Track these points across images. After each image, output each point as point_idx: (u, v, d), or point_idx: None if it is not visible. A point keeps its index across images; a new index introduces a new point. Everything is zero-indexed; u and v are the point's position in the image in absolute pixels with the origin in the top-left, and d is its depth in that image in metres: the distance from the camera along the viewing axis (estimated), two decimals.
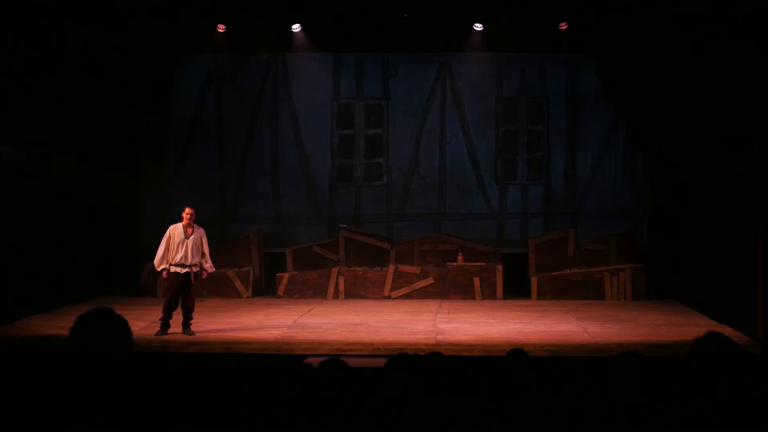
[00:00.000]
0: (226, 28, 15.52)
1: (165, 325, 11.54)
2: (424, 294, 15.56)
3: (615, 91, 16.10)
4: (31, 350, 10.31)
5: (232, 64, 17.08)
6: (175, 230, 11.65)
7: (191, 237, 11.59)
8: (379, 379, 4.59)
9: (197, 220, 11.85)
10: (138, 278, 15.56)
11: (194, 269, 11.61)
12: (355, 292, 15.63)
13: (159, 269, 11.69)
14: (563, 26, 15.23)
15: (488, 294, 15.41)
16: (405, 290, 15.60)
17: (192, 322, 11.66)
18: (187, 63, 16.64)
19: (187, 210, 11.71)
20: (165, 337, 11.40)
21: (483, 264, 15.64)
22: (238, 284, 15.65)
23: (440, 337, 11.46)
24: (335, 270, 15.75)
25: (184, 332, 11.50)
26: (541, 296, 15.41)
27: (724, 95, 12.78)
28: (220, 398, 4.36)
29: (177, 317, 11.62)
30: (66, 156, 14.59)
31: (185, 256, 11.52)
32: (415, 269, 15.76)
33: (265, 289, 16.11)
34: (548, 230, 16.73)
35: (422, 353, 5.09)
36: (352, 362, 5.24)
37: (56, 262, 14.03)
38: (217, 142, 17.20)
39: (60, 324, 11.77)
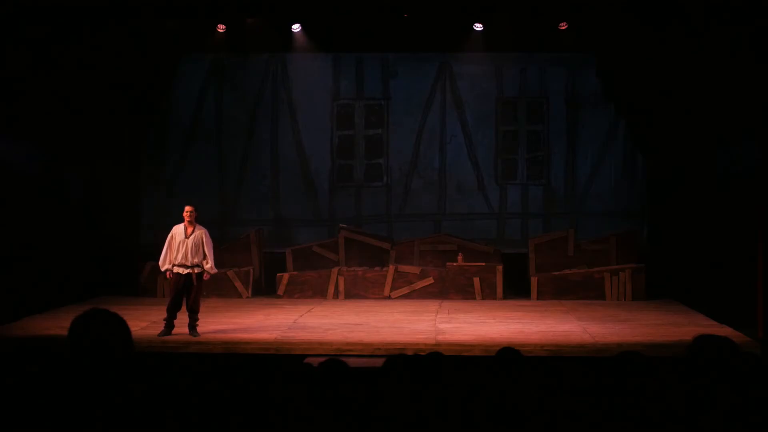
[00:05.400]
0: (226, 28, 15.51)
1: (168, 325, 11.53)
2: (424, 294, 15.55)
3: (615, 91, 16.09)
4: (31, 350, 10.31)
5: (232, 64, 17.08)
6: (177, 230, 11.64)
7: (191, 236, 11.53)
8: (379, 379, 4.59)
9: (199, 221, 11.82)
10: (138, 278, 15.57)
11: (196, 270, 11.53)
12: (355, 292, 15.62)
13: (163, 270, 11.70)
14: (563, 26, 15.22)
15: (488, 294, 15.41)
16: (405, 290, 15.60)
17: (198, 323, 11.64)
18: (187, 63, 16.63)
19: (186, 208, 11.66)
20: (165, 337, 11.40)
21: (483, 264, 15.63)
22: (238, 284, 15.65)
23: (440, 337, 11.47)
24: (335, 270, 15.74)
25: (190, 333, 11.49)
26: (541, 296, 15.41)
27: (723, 95, 12.77)
28: (219, 398, 4.36)
29: (183, 318, 11.61)
30: (66, 156, 14.60)
31: (185, 255, 11.47)
32: (415, 269, 15.75)
33: (265, 289, 16.10)
34: (548, 230, 16.72)
35: (422, 353, 5.09)
36: (352, 362, 5.24)
37: (56, 262, 14.03)
38: (217, 142, 17.19)
39: (60, 324, 11.76)
